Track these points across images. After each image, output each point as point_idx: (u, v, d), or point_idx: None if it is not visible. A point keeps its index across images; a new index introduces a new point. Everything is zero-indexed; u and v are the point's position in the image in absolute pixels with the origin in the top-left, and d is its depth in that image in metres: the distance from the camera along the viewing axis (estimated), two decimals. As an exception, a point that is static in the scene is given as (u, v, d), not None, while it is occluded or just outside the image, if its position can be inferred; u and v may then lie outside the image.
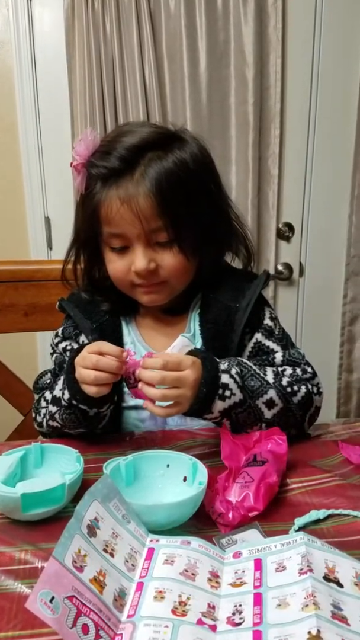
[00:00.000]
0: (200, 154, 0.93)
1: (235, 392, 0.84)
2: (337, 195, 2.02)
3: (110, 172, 0.89)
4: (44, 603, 0.45)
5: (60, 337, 1.06)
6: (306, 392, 0.91)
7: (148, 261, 0.91)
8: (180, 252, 0.92)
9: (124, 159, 0.88)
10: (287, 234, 2.04)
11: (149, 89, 1.82)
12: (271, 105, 1.89)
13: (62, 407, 0.92)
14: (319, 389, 0.95)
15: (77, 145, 0.92)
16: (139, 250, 0.91)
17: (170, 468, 0.76)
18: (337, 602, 0.50)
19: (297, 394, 0.90)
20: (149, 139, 0.90)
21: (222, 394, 0.83)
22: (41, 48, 1.87)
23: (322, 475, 0.79)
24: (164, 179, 0.87)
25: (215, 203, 0.96)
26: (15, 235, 2.00)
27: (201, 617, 0.50)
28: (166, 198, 0.87)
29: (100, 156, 0.91)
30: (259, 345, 0.99)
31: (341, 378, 2.18)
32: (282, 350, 0.99)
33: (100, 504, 0.59)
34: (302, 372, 0.94)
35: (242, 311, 0.97)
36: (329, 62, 1.91)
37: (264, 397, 0.87)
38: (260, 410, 0.87)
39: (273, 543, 0.60)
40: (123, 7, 1.77)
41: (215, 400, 0.83)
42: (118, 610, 0.51)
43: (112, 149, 0.90)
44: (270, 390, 0.87)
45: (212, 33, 1.82)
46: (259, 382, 0.87)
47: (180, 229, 0.90)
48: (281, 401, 0.88)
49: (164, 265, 0.92)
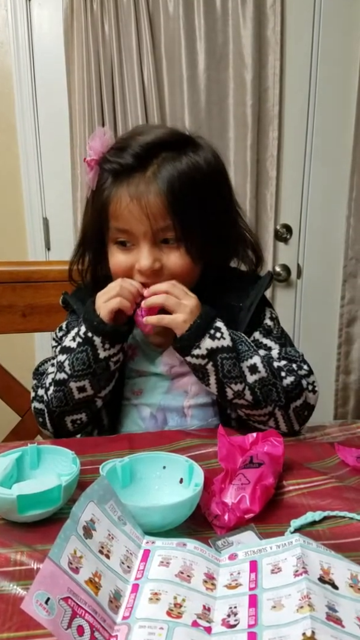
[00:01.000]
0: (214, 160, 0.94)
1: (225, 337, 0.88)
2: (335, 197, 2.02)
3: (122, 168, 0.90)
4: (40, 604, 0.45)
5: (65, 330, 1.06)
6: (295, 382, 0.92)
7: (153, 260, 0.90)
8: (187, 253, 0.92)
9: (138, 156, 0.89)
10: (285, 235, 2.05)
11: (148, 90, 1.82)
12: (269, 107, 1.90)
13: (72, 351, 0.93)
14: (314, 387, 0.96)
15: (91, 141, 0.93)
16: (144, 249, 0.91)
17: (166, 470, 0.76)
18: (332, 604, 0.51)
19: (284, 379, 0.91)
20: (164, 139, 0.91)
21: (213, 333, 0.88)
22: (40, 49, 1.87)
23: (318, 477, 0.79)
24: (177, 179, 0.88)
25: (225, 209, 0.96)
26: (14, 236, 2.00)
27: (196, 618, 0.50)
28: (177, 198, 0.88)
29: (114, 152, 0.91)
30: (256, 343, 0.99)
31: (339, 380, 2.18)
32: (279, 348, 0.99)
33: (97, 506, 0.59)
34: (298, 368, 0.95)
35: (245, 310, 0.98)
36: (328, 64, 1.91)
37: (248, 361, 0.89)
38: (243, 373, 0.88)
39: (268, 545, 0.60)
40: (122, 9, 1.77)
41: (205, 337, 0.87)
42: (113, 612, 0.51)
43: (127, 146, 0.90)
44: (256, 356, 0.90)
45: (211, 35, 1.82)
46: (246, 347, 0.90)
47: (188, 230, 0.90)
48: (265, 370, 0.89)
49: (169, 265, 0.92)
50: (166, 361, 1.00)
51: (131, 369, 1.02)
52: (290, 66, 1.89)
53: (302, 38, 1.89)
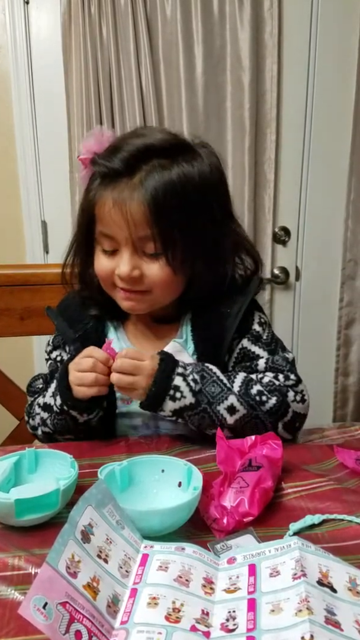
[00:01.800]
0: (209, 171, 0.90)
1: (186, 395, 0.86)
2: (333, 200, 2.02)
3: (109, 172, 0.88)
4: (37, 609, 0.45)
5: (51, 346, 1.07)
6: (277, 402, 0.90)
7: (131, 268, 0.89)
8: (167, 265, 0.89)
9: (126, 161, 0.87)
10: (284, 238, 2.05)
11: (146, 94, 1.82)
12: (267, 111, 1.90)
13: (53, 413, 0.93)
14: (303, 396, 0.93)
15: (86, 140, 0.92)
16: (125, 255, 0.89)
17: (165, 473, 0.76)
18: (330, 607, 0.50)
19: (266, 404, 0.89)
20: (156, 145, 0.88)
21: (173, 394, 0.86)
22: (38, 52, 1.87)
23: (317, 480, 0.79)
24: (162, 189, 0.85)
25: (216, 223, 0.93)
26: (12, 238, 2.00)
27: (195, 623, 0.50)
28: (159, 209, 0.85)
29: (105, 155, 0.90)
30: (244, 350, 0.99)
31: (337, 382, 2.18)
32: (267, 355, 0.98)
33: (95, 510, 0.59)
34: (285, 379, 0.93)
35: (233, 317, 0.96)
36: (325, 67, 1.92)
37: (224, 402, 0.87)
38: (221, 416, 0.87)
39: (267, 548, 0.60)
40: (119, 12, 1.77)
41: (166, 400, 0.86)
42: (111, 617, 0.51)
43: (118, 150, 0.89)
44: (231, 396, 0.88)
45: (209, 38, 1.83)
46: (219, 389, 0.88)
47: (170, 242, 0.88)
48: (244, 407, 0.88)
49: (148, 275, 0.90)
50: None
51: None
52: (288, 69, 1.90)
53: (300, 41, 1.89)
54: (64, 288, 1.07)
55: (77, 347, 0.99)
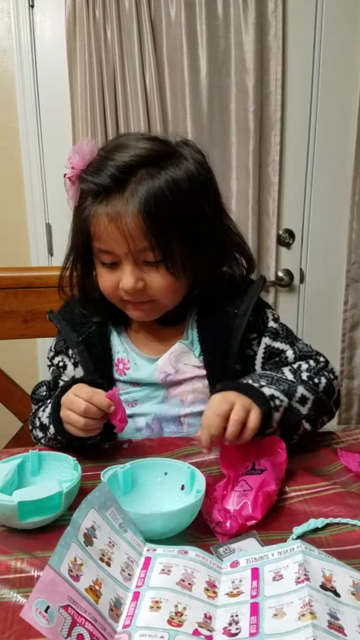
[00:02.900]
0: (196, 171, 0.90)
1: (282, 398, 0.85)
2: (337, 202, 2.02)
3: (100, 189, 0.88)
4: (39, 612, 0.45)
5: (53, 351, 1.07)
6: (327, 380, 0.92)
7: (135, 280, 0.89)
8: (168, 273, 0.90)
9: (115, 177, 0.86)
10: (288, 240, 2.05)
11: (150, 97, 1.82)
12: (271, 113, 1.90)
13: (47, 435, 0.94)
14: (334, 373, 0.96)
15: (72, 157, 0.91)
16: (127, 269, 0.90)
17: (168, 476, 0.76)
18: (333, 612, 0.50)
19: (320, 384, 0.91)
20: (142, 156, 0.88)
21: (275, 404, 0.83)
22: (42, 55, 1.88)
23: (321, 484, 0.79)
24: (153, 199, 0.85)
25: (209, 221, 0.93)
26: (16, 241, 2.01)
27: (197, 627, 0.50)
28: (154, 219, 0.85)
29: (92, 171, 0.89)
30: (269, 349, 0.99)
31: (342, 385, 2.17)
32: (291, 348, 0.99)
33: (97, 512, 0.59)
34: (316, 363, 0.96)
35: (241, 317, 0.97)
36: (329, 69, 1.91)
37: (295, 395, 0.87)
38: (297, 410, 0.87)
39: (270, 552, 0.60)
40: (124, 15, 1.78)
41: (273, 413, 0.82)
42: (114, 620, 0.50)
43: (104, 165, 0.88)
44: (299, 387, 0.88)
45: (213, 41, 1.83)
46: (286, 385, 0.88)
47: (169, 249, 0.88)
48: (310, 393, 0.89)
49: (152, 285, 0.91)
50: (161, 369, 0.99)
51: (124, 382, 1.02)
52: (292, 72, 1.90)
53: (304, 44, 1.89)
54: (59, 295, 1.06)
55: (81, 350, 0.99)
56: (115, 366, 1.02)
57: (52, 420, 0.90)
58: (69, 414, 0.84)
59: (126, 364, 1.01)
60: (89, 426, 0.83)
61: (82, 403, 0.82)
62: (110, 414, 0.83)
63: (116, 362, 1.02)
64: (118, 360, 1.02)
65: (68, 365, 1.04)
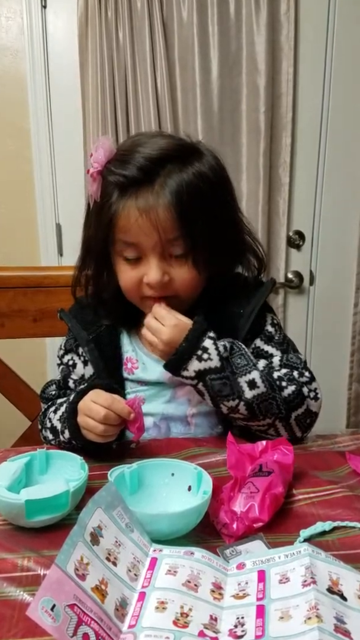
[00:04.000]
0: (217, 166, 0.93)
1: (212, 358, 0.87)
2: (348, 204, 2.01)
3: (129, 182, 0.88)
4: (45, 611, 0.45)
5: (63, 350, 1.08)
6: (295, 391, 0.91)
7: (162, 273, 0.90)
8: (194, 266, 0.92)
9: (144, 169, 0.87)
10: (298, 242, 2.04)
11: (161, 97, 1.83)
12: (283, 114, 1.89)
13: (58, 438, 0.95)
14: (317, 394, 0.94)
15: (95, 152, 0.91)
16: (153, 262, 0.90)
17: (174, 477, 0.76)
18: (340, 615, 0.50)
19: (284, 390, 0.90)
20: (168, 150, 0.89)
21: (200, 355, 0.87)
22: (54, 55, 1.89)
23: (328, 487, 0.78)
24: (185, 191, 0.87)
25: (230, 215, 0.96)
26: (26, 241, 2.01)
27: (203, 629, 0.50)
28: (186, 210, 0.87)
29: (119, 164, 0.89)
30: (257, 350, 0.99)
31: (351, 388, 2.16)
32: (280, 354, 0.98)
33: (104, 512, 0.59)
34: (299, 375, 0.94)
35: (245, 317, 0.97)
36: (341, 70, 1.91)
37: (246, 376, 0.88)
38: (240, 387, 0.88)
39: (277, 554, 0.59)
40: (136, 15, 1.78)
41: (192, 359, 0.87)
42: (119, 620, 0.50)
43: (131, 158, 0.88)
44: (255, 371, 0.89)
45: (224, 41, 1.83)
46: (245, 362, 0.89)
47: (197, 241, 0.90)
48: (264, 385, 0.88)
49: (176, 278, 0.92)
50: None
51: (132, 381, 1.02)
52: (304, 72, 1.89)
53: (316, 45, 1.89)
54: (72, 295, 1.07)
55: (92, 348, 0.99)
56: (124, 365, 1.02)
57: (68, 425, 0.90)
58: (87, 420, 0.85)
59: (134, 363, 1.02)
60: (107, 432, 0.84)
61: (101, 410, 0.83)
62: (129, 421, 0.85)
63: (125, 361, 1.02)
64: (127, 359, 1.02)
65: (78, 363, 1.05)
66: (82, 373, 1.04)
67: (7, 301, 1.32)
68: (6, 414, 1.41)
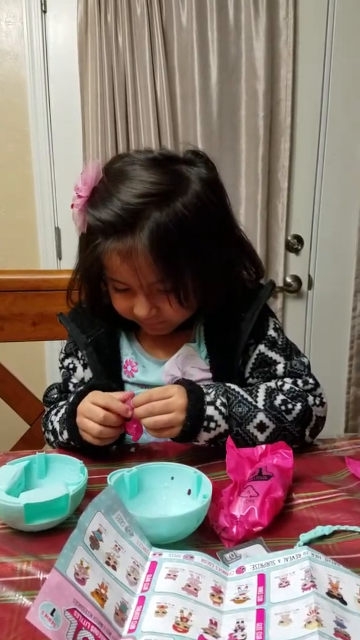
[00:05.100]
0: (204, 194, 0.89)
1: (220, 424, 0.86)
2: (346, 208, 2.02)
3: (108, 226, 0.87)
4: (45, 615, 0.45)
5: (64, 353, 1.09)
6: (302, 408, 0.91)
7: (149, 309, 0.91)
8: (180, 301, 0.91)
9: (122, 216, 0.85)
10: (296, 246, 2.04)
11: (160, 102, 1.83)
12: (281, 119, 1.90)
13: (57, 440, 0.95)
14: (322, 399, 0.95)
15: (78, 184, 0.90)
16: (140, 299, 0.91)
17: (174, 480, 0.76)
18: (340, 619, 0.50)
19: (292, 411, 0.90)
20: (150, 189, 0.86)
21: (207, 425, 0.86)
22: (54, 60, 1.89)
23: (328, 491, 0.78)
24: (163, 234, 0.84)
25: (220, 242, 0.92)
26: (26, 244, 2.02)
27: (203, 633, 0.49)
28: (163, 254, 0.85)
29: (101, 206, 0.87)
30: (262, 356, 0.99)
31: (350, 392, 2.16)
32: (284, 361, 0.99)
33: (104, 516, 0.59)
34: (304, 384, 0.94)
35: (247, 321, 0.97)
36: (340, 76, 1.91)
37: (253, 421, 0.88)
38: (252, 435, 0.88)
39: (277, 558, 0.59)
40: (135, 21, 1.79)
41: (201, 432, 0.86)
42: (119, 625, 0.50)
43: (110, 201, 0.86)
44: (259, 413, 0.88)
45: (224, 47, 1.83)
46: (246, 408, 0.88)
47: (180, 279, 0.89)
48: (272, 422, 0.88)
49: (165, 310, 0.93)
50: (168, 371, 0.99)
51: (132, 384, 1.02)
52: (303, 78, 1.90)
53: (315, 51, 1.89)
54: (68, 306, 1.07)
55: (90, 352, 0.99)
56: (124, 368, 1.02)
57: (67, 426, 0.91)
58: (86, 421, 0.86)
59: (134, 366, 1.02)
60: (104, 434, 0.85)
61: (100, 412, 0.84)
62: (127, 423, 0.85)
63: (124, 364, 1.03)
64: (126, 362, 1.03)
65: (77, 367, 1.05)
66: (82, 376, 1.04)
67: (6, 304, 1.32)
68: (5, 417, 1.41)
